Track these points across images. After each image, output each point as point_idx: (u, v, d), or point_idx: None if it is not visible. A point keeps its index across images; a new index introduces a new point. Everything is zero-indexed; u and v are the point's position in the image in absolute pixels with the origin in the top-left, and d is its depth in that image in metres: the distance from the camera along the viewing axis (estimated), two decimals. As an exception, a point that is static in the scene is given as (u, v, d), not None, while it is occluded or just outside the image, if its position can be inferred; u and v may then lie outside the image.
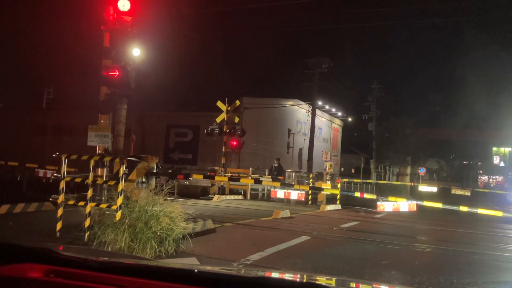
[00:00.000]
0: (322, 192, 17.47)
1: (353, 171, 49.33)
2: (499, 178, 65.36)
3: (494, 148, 59.79)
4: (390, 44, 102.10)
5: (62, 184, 7.15)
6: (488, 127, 45.59)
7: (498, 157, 60.33)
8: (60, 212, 6.99)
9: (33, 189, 14.34)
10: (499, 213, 10.59)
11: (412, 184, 34.16)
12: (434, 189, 28.23)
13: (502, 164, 59.98)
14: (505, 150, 58.95)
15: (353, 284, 2.44)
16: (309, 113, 30.14)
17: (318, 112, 31.82)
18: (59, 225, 6.94)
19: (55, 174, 14.89)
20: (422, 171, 38.50)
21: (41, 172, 16.09)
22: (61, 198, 7.10)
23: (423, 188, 28.90)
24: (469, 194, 26.73)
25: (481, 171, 68.07)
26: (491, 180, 68.95)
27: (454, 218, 16.04)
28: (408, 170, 41.25)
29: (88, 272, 1.79)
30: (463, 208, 10.01)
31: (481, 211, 9.98)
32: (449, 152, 62.51)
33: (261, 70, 67.17)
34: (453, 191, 26.95)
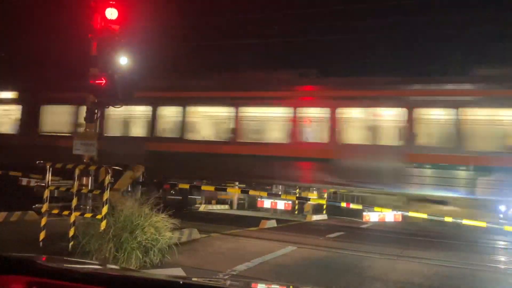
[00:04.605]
0: (309, 202, 17.50)
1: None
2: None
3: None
4: (381, 57, 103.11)
5: (46, 193, 7.06)
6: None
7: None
8: (44, 221, 6.88)
9: (16, 198, 14.07)
10: (482, 224, 10.66)
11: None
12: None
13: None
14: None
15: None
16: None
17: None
18: (42, 235, 6.83)
19: (38, 183, 14.65)
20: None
21: (24, 181, 15.81)
22: (45, 207, 7.00)
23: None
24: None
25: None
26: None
27: (439, 228, 16.13)
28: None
29: (72, 284, 1.75)
30: (448, 219, 10.08)
31: (465, 221, 10.07)
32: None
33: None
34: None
